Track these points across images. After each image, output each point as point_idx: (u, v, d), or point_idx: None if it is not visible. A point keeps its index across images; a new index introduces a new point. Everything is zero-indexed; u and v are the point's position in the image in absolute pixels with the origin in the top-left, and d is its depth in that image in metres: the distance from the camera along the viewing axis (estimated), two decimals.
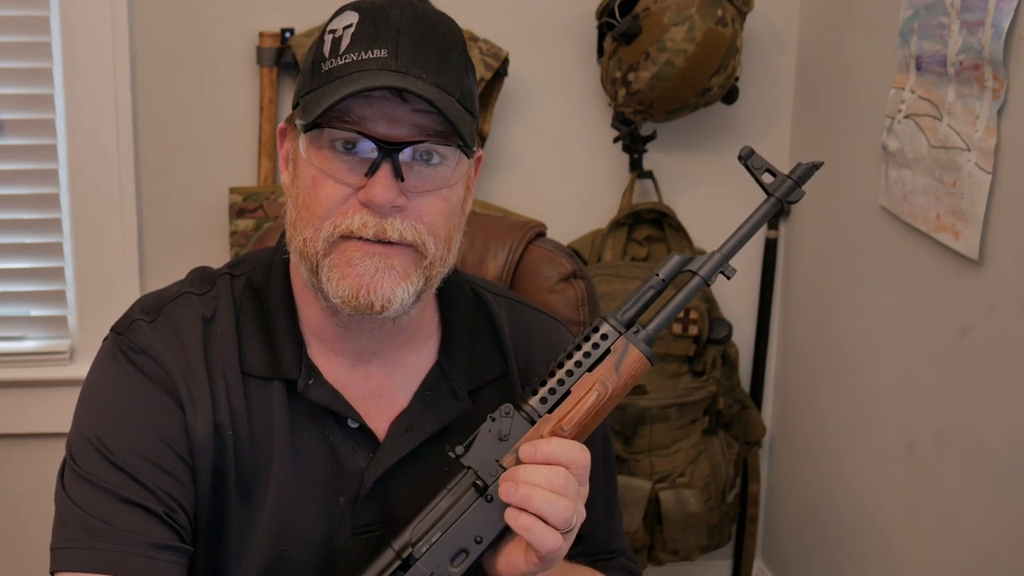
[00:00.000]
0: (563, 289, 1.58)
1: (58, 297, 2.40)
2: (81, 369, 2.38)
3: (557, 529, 1.03)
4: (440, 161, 1.10)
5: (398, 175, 1.07)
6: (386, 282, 1.09)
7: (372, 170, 1.07)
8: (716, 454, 2.36)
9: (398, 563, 1.07)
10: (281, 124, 1.19)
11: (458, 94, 1.10)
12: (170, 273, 1.32)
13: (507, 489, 1.05)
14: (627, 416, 2.26)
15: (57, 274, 2.39)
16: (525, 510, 1.04)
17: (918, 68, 1.93)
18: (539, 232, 1.64)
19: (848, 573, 2.30)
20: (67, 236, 2.38)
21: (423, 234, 1.10)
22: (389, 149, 1.07)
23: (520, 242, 1.61)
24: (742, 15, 2.30)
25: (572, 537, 1.06)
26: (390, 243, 1.09)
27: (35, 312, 2.41)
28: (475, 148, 1.15)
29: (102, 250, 2.38)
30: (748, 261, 2.58)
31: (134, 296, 2.39)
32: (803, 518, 2.52)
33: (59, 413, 2.30)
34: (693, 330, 2.36)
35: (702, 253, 2.44)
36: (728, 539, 2.45)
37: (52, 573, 1.10)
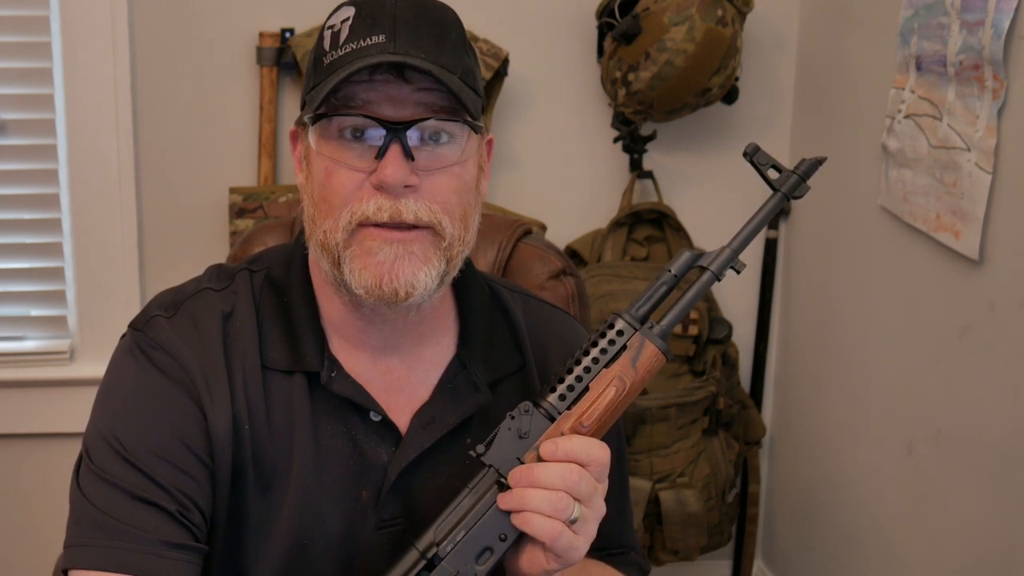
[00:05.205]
0: (553, 286, 1.58)
1: (58, 297, 2.40)
2: (81, 369, 2.37)
3: (555, 519, 1.04)
4: (448, 140, 1.11)
5: (407, 154, 1.08)
6: (407, 268, 1.09)
7: (381, 152, 1.08)
8: (716, 454, 2.36)
9: (423, 563, 1.06)
10: (291, 128, 1.20)
11: (459, 72, 1.11)
12: (170, 273, 1.31)
13: (503, 498, 1.06)
14: (627, 416, 2.26)
15: (57, 274, 2.39)
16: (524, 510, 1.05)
17: (918, 68, 1.93)
18: (527, 230, 1.64)
19: (848, 573, 2.30)
20: (67, 236, 2.38)
21: (438, 213, 1.10)
22: (396, 129, 1.08)
23: (509, 240, 1.60)
24: (742, 15, 2.30)
25: (588, 531, 1.07)
26: (408, 227, 1.09)
27: (35, 312, 2.41)
28: (485, 129, 1.15)
29: (102, 250, 2.38)
30: (748, 261, 2.56)
31: (134, 296, 2.39)
32: (803, 518, 2.52)
33: (59, 413, 2.31)
34: (693, 330, 2.36)
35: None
36: (728, 539, 2.45)
37: (65, 571, 1.11)
